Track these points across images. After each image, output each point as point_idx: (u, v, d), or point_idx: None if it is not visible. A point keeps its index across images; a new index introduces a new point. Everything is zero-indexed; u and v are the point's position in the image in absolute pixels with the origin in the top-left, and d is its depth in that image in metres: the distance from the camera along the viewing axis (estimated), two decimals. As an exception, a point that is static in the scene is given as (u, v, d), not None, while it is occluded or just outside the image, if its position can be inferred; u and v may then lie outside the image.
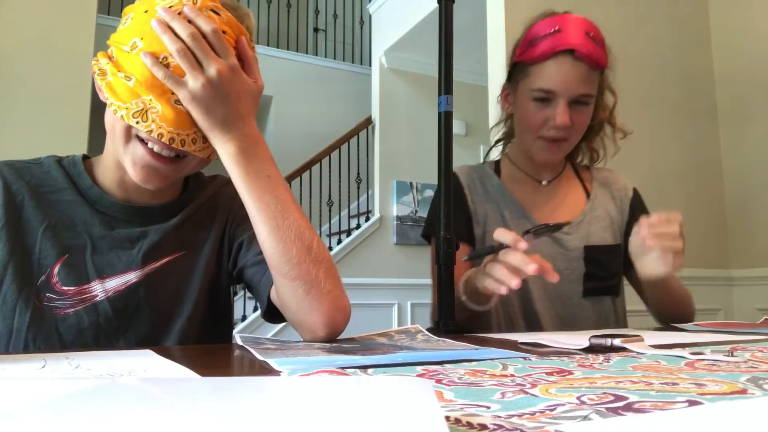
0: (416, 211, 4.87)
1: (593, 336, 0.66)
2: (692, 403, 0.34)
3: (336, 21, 6.63)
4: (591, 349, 0.63)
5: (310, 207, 4.77)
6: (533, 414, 0.31)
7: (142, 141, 0.72)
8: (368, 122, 4.98)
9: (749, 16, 2.74)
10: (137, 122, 0.67)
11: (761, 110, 2.67)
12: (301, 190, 4.69)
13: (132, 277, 0.77)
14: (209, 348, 0.73)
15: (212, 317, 0.84)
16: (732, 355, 0.56)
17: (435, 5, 1.08)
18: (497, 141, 1.30)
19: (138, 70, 0.67)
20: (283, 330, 3.77)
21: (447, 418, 0.30)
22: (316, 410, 0.27)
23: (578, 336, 0.72)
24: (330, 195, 4.89)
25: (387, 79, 4.93)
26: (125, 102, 0.67)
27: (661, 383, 0.41)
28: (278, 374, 0.46)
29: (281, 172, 0.75)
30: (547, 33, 1.07)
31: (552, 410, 0.32)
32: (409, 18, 4.46)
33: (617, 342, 0.64)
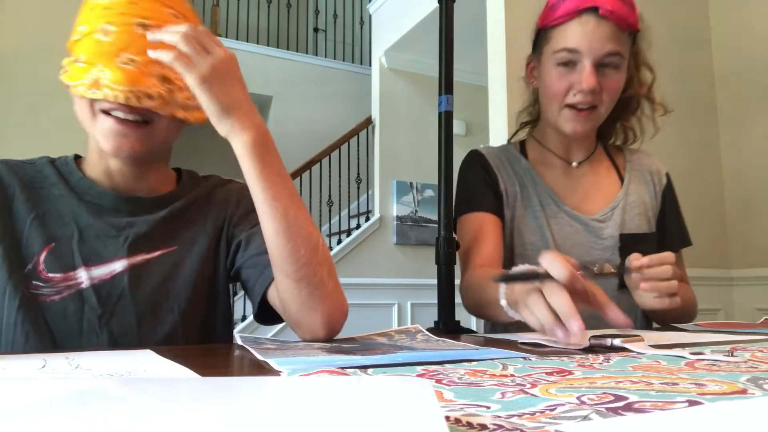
0: (416, 211, 4.86)
1: (593, 336, 0.66)
2: (692, 403, 0.34)
3: (336, 21, 6.62)
4: (591, 349, 0.63)
5: (310, 207, 4.76)
6: (533, 414, 0.31)
7: (106, 113, 0.73)
8: (368, 122, 4.98)
9: (749, 16, 2.74)
10: (93, 92, 0.71)
11: (761, 110, 2.67)
12: (301, 190, 4.68)
13: (118, 267, 0.78)
14: (209, 348, 0.73)
15: (211, 317, 0.84)
16: (732, 355, 0.55)
17: (435, 5, 1.08)
18: (523, 124, 1.22)
19: (85, 49, 0.73)
20: (283, 330, 3.76)
21: (447, 418, 0.30)
22: (316, 410, 0.27)
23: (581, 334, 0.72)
24: (330, 195, 4.89)
25: (387, 79, 4.93)
26: (80, 79, 0.71)
27: (661, 383, 0.41)
28: (278, 374, 0.46)
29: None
30: None
31: (552, 410, 0.32)
32: (409, 18, 4.45)
33: (617, 342, 0.64)
